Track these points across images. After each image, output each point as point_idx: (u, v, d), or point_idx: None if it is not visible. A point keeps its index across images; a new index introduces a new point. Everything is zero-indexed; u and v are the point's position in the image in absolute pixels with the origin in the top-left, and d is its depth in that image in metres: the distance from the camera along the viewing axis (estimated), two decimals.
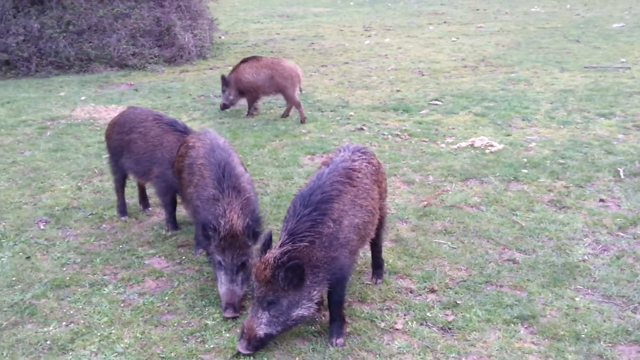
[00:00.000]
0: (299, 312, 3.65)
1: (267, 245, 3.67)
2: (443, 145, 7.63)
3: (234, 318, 4.06)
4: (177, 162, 4.84)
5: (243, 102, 9.25)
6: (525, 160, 6.95)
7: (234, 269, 4.07)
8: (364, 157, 4.21)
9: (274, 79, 8.75)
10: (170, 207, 5.43)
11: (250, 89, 8.92)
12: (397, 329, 3.96)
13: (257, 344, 3.64)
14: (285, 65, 8.88)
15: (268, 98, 9.46)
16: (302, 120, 8.75)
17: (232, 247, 4.04)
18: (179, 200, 5.30)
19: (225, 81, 9.02)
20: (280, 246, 3.58)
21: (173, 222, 5.47)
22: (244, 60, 9.14)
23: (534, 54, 13.44)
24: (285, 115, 9.11)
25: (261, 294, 3.59)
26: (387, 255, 4.86)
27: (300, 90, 9.00)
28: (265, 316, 3.61)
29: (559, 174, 6.53)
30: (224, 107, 9.24)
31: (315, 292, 3.67)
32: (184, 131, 5.32)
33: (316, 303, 3.74)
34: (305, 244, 3.58)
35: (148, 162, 5.35)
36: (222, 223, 4.02)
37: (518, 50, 13.96)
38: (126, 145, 5.49)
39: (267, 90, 8.91)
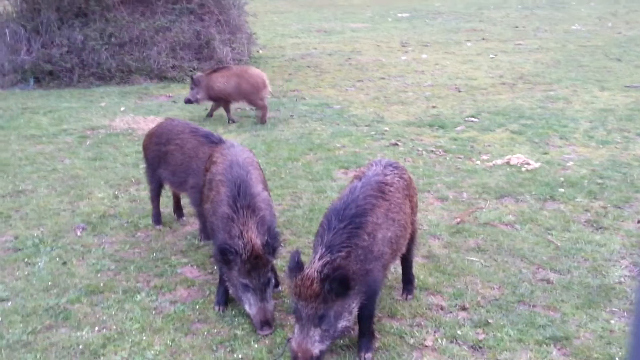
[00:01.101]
0: (343, 323, 3.63)
1: (298, 262, 3.62)
2: (478, 162, 7.57)
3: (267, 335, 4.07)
4: (203, 176, 4.90)
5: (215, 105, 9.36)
6: (562, 179, 6.84)
7: (262, 287, 4.08)
8: (395, 171, 4.21)
9: (241, 86, 9.37)
10: (204, 218, 5.49)
11: (220, 96, 9.57)
12: (426, 346, 3.92)
13: None
14: (251, 73, 9.57)
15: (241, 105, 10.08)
16: (262, 122, 9.45)
17: (257, 267, 4.03)
18: None
19: (194, 81, 9.66)
20: (319, 259, 3.56)
21: (207, 232, 5.53)
22: (216, 70, 9.86)
23: (574, 72, 13.25)
24: (263, 121, 9.57)
25: (311, 311, 3.52)
26: (418, 271, 4.83)
27: (271, 94, 9.76)
28: (318, 332, 3.55)
29: (596, 193, 6.41)
30: (188, 101, 9.87)
31: (353, 305, 3.66)
32: (219, 143, 5.39)
33: (354, 316, 3.72)
34: (343, 254, 3.58)
35: (184, 173, 5.43)
36: (242, 245, 4.00)
37: (557, 68, 13.78)
38: (163, 156, 5.59)
39: (236, 98, 9.55)
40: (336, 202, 3.94)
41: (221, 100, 9.68)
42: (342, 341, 3.96)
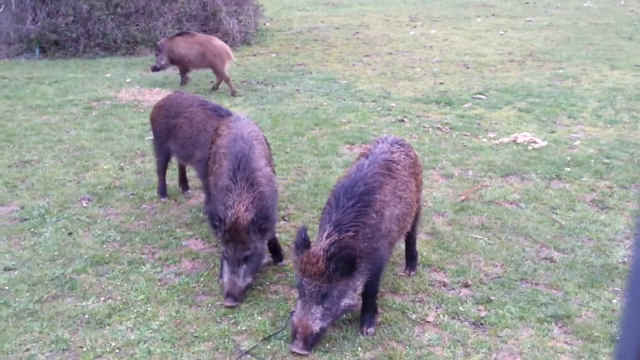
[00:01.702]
0: (347, 301, 3.64)
1: (305, 239, 3.61)
2: (485, 140, 7.54)
3: (232, 307, 4.07)
4: (209, 149, 4.91)
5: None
6: (568, 158, 6.81)
7: (235, 263, 4.07)
8: (402, 149, 4.20)
9: (205, 55, 9.65)
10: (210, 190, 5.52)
11: (180, 60, 9.89)
12: (428, 322, 3.95)
13: (314, 340, 3.59)
14: (215, 44, 9.80)
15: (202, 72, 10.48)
16: (232, 94, 9.64)
17: (235, 240, 4.03)
18: None
19: (158, 47, 9.95)
20: (327, 237, 3.56)
21: None
22: (180, 34, 10.14)
23: (584, 51, 13.12)
24: (215, 88, 9.96)
25: (314, 288, 3.53)
26: (421, 248, 4.84)
27: (236, 64, 10.20)
28: (320, 310, 3.56)
29: (603, 173, 6.39)
30: (155, 69, 10.19)
31: (358, 283, 3.67)
32: (227, 116, 5.38)
33: (358, 295, 3.74)
34: (351, 234, 3.58)
35: (192, 146, 5.42)
36: (229, 215, 4.02)
37: (567, 46, 13.64)
38: (172, 129, 5.58)
39: (197, 65, 9.91)
40: (344, 179, 3.92)
41: (180, 64, 10.00)
42: (345, 316, 3.99)
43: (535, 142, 7.32)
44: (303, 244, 3.59)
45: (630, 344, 0.80)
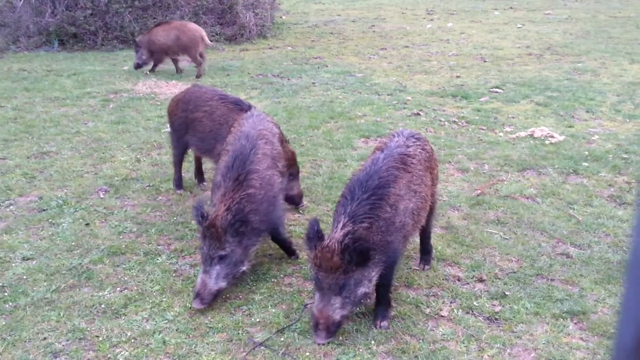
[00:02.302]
0: (363, 289, 3.65)
1: (318, 231, 3.60)
2: (501, 134, 7.49)
3: (199, 310, 3.94)
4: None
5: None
6: (586, 153, 6.75)
7: (208, 261, 3.98)
8: (418, 142, 4.18)
9: (179, 38, 10.03)
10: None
11: (161, 49, 10.16)
12: (442, 316, 3.95)
13: (335, 329, 3.63)
14: (190, 27, 10.22)
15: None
16: (198, 76, 10.21)
17: (210, 237, 3.96)
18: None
19: (137, 44, 10.28)
20: (341, 228, 3.57)
21: None
22: (157, 25, 10.51)
23: (603, 44, 12.96)
24: (199, 75, 10.35)
25: (332, 280, 3.54)
26: (436, 242, 4.83)
27: (207, 46, 10.53)
28: (339, 300, 3.58)
29: (621, 168, 6.32)
30: (138, 66, 10.40)
31: (373, 274, 3.68)
32: (248, 110, 5.35)
33: (373, 285, 3.75)
34: (365, 225, 3.59)
35: (213, 139, 5.39)
36: (212, 212, 4.01)
37: (586, 40, 13.49)
38: (190, 123, 5.58)
39: (175, 50, 10.21)
40: (359, 173, 3.92)
41: (161, 54, 10.26)
42: (358, 309, 3.99)
43: (552, 137, 7.25)
44: (316, 236, 3.59)
45: (629, 330, 0.80)
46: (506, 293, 4.18)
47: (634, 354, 0.79)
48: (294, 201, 5.41)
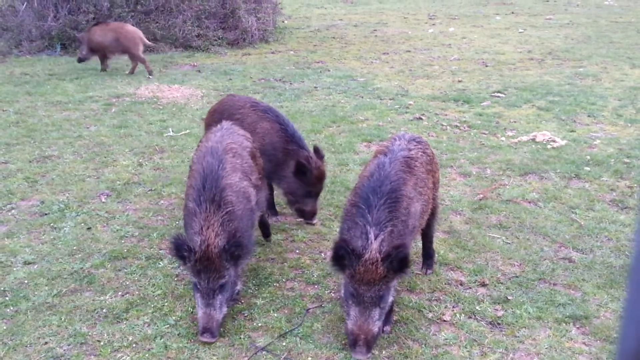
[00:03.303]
0: (391, 298, 3.62)
1: (353, 250, 3.44)
2: (503, 138, 7.48)
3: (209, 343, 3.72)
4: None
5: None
6: (588, 157, 6.74)
7: (209, 294, 3.71)
8: (419, 146, 4.18)
9: (119, 40, 10.52)
10: (266, 193, 5.47)
11: (98, 48, 10.70)
12: (444, 321, 3.94)
13: (374, 342, 3.56)
14: (128, 29, 10.72)
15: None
16: (149, 73, 10.70)
17: (208, 270, 3.68)
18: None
19: (79, 39, 10.92)
20: (375, 238, 3.49)
21: (272, 209, 5.51)
22: (95, 24, 11.00)
23: (604, 49, 12.97)
24: (131, 72, 10.88)
25: (375, 294, 3.45)
26: (438, 246, 4.82)
27: (145, 46, 10.96)
28: (377, 312, 3.51)
29: (623, 173, 6.31)
30: (80, 60, 11.02)
31: (395, 280, 3.62)
32: (276, 119, 5.29)
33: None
34: (389, 230, 3.55)
35: None
36: (198, 242, 3.68)
37: (588, 44, 13.50)
38: None
39: (114, 50, 10.75)
40: (366, 180, 3.82)
41: (99, 52, 10.82)
42: None
43: (554, 141, 7.25)
44: (353, 254, 3.43)
45: (633, 333, 0.79)
46: (508, 297, 4.17)
47: (637, 358, 0.78)
48: (304, 215, 5.28)
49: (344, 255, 3.45)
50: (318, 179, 5.10)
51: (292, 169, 5.01)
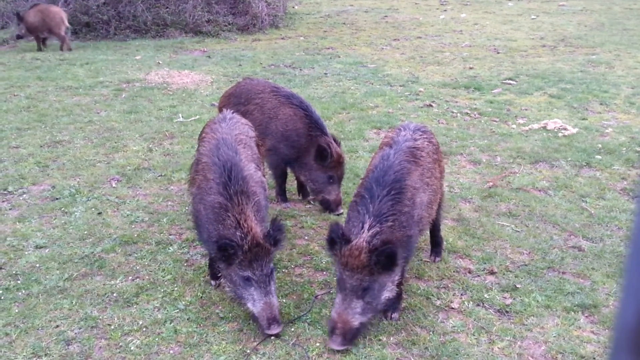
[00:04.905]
0: (386, 294, 3.56)
1: (343, 234, 3.47)
2: (514, 126, 7.44)
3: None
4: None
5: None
6: (599, 145, 6.70)
7: (266, 280, 3.63)
8: (424, 135, 4.14)
9: (44, 20, 11.49)
10: (281, 180, 5.47)
11: (31, 28, 11.66)
12: (452, 308, 3.94)
13: (353, 336, 3.49)
14: (52, 10, 11.66)
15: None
16: (68, 49, 11.68)
17: (259, 257, 3.59)
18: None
19: (19, 17, 11.74)
20: (368, 229, 3.47)
21: (283, 195, 5.52)
22: (32, 6, 11.86)
23: (618, 36, 12.83)
24: (61, 48, 11.77)
25: (356, 282, 3.42)
26: (447, 234, 4.82)
27: (68, 29, 11.96)
28: (360, 304, 3.46)
29: (634, 161, 6.27)
30: (18, 37, 12.08)
31: (397, 274, 3.60)
32: (299, 105, 5.26)
33: (396, 285, 3.65)
34: (390, 224, 3.52)
35: (262, 133, 5.18)
36: (241, 235, 3.57)
37: (601, 31, 13.35)
38: (243, 116, 5.46)
39: (42, 30, 11.67)
40: (371, 171, 3.84)
41: (33, 32, 11.70)
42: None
43: (565, 129, 7.20)
44: (342, 238, 3.46)
45: (631, 309, 0.79)
46: (517, 286, 4.17)
47: (635, 333, 0.78)
48: (329, 206, 5.22)
49: (334, 237, 3.46)
50: (338, 162, 5.11)
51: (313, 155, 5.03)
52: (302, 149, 5.13)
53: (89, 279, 4.24)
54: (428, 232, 4.55)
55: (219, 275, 4.03)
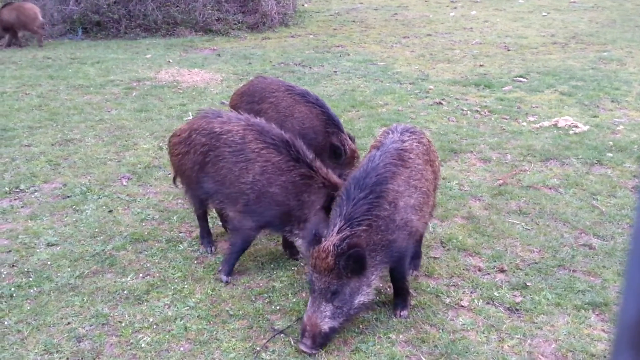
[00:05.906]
0: (360, 299, 3.52)
1: (315, 235, 3.50)
2: (524, 123, 7.41)
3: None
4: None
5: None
6: (611, 143, 6.65)
7: None
8: (413, 136, 4.04)
9: (19, 17, 11.75)
10: None
11: (6, 26, 11.89)
12: (462, 306, 3.93)
13: (323, 340, 3.46)
14: (26, 7, 11.90)
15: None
16: (40, 45, 12.04)
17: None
18: None
19: None
20: (337, 232, 3.43)
21: None
22: (4, 5, 12.08)
23: (630, 33, 12.73)
24: (40, 45, 12.10)
25: (324, 285, 3.40)
26: (457, 232, 4.81)
27: (44, 27, 12.31)
28: (329, 308, 3.43)
29: None
30: None
31: (373, 277, 3.56)
32: (315, 102, 5.27)
33: (374, 289, 3.63)
34: (363, 227, 3.45)
35: None
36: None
37: (612, 28, 13.26)
38: (256, 115, 5.47)
39: (17, 26, 11.97)
40: (356, 172, 3.79)
41: (9, 30, 11.98)
42: (378, 298, 3.99)
43: (576, 127, 7.16)
44: (314, 239, 3.48)
45: (633, 304, 0.79)
46: (527, 284, 4.15)
47: (637, 328, 0.78)
48: None
49: (309, 238, 3.49)
50: (352, 158, 5.13)
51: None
52: (320, 146, 5.13)
53: (100, 276, 4.27)
54: (433, 231, 4.53)
55: None
